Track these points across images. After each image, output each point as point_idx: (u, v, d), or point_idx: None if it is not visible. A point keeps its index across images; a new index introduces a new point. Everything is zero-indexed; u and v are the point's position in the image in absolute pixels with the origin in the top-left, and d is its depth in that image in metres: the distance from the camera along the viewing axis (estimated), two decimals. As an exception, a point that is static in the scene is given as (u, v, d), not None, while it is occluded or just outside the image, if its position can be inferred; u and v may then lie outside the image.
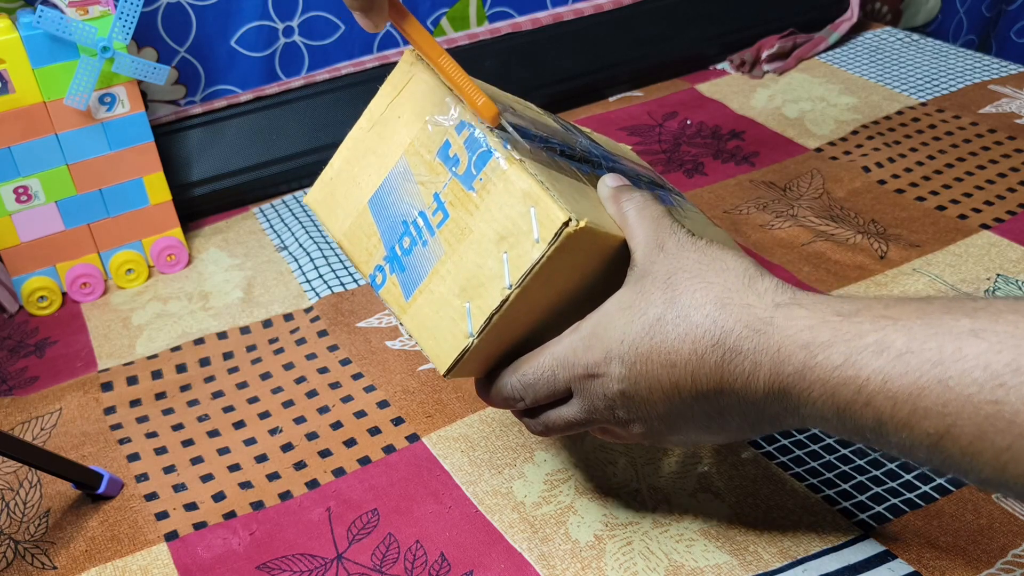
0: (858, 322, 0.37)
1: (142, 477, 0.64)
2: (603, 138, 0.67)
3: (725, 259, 0.43)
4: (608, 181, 0.51)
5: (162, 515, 0.61)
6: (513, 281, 0.45)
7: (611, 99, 1.12)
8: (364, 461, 0.64)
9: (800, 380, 0.38)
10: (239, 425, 0.68)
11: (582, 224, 0.44)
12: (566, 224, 0.43)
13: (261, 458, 0.65)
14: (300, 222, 0.92)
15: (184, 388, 0.72)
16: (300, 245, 0.88)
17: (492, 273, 0.45)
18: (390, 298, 0.50)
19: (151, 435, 0.68)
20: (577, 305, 0.48)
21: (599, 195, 0.50)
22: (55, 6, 0.76)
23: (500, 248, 0.45)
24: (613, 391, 0.44)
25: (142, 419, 0.69)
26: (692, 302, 0.42)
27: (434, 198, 0.48)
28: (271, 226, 0.93)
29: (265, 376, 0.73)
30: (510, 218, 0.45)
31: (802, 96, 1.08)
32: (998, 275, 0.76)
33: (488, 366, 0.50)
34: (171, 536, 0.60)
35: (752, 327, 0.40)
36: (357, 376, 0.72)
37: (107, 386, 0.73)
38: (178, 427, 0.69)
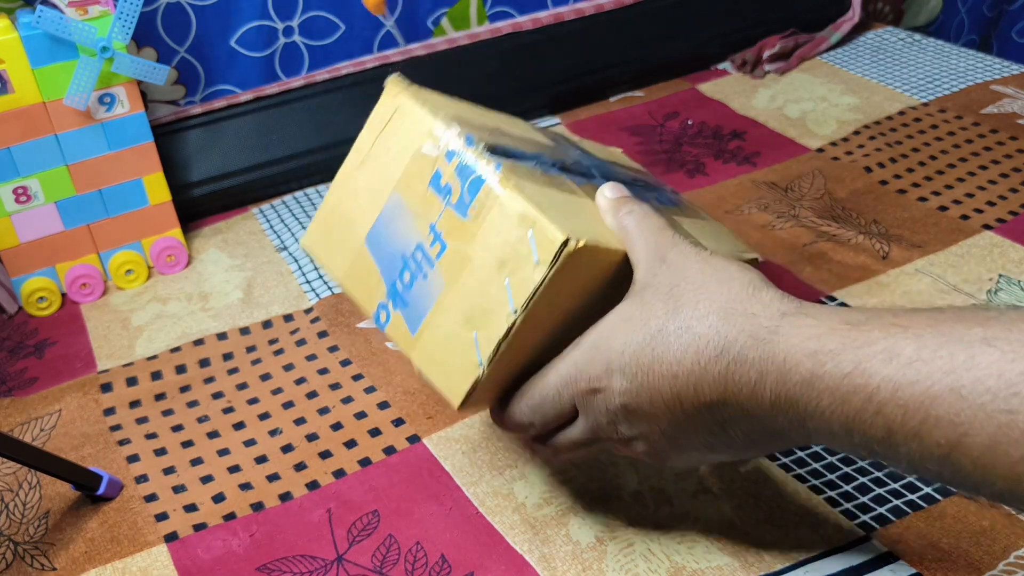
0: (867, 330, 0.36)
1: (142, 478, 0.64)
2: (593, 144, 0.67)
3: (729, 270, 0.43)
4: (607, 192, 0.50)
5: (162, 516, 0.61)
6: (518, 306, 0.44)
7: (612, 99, 1.11)
8: (365, 462, 0.64)
9: (808, 389, 0.37)
10: (239, 426, 0.68)
11: (582, 243, 0.43)
12: (565, 244, 0.43)
13: (261, 459, 0.65)
14: (300, 222, 0.92)
15: (184, 389, 0.72)
16: (300, 245, 0.88)
17: (496, 300, 0.45)
18: (396, 335, 0.49)
19: (151, 436, 0.68)
20: (582, 322, 0.47)
21: (598, 206, 0.50)
22: (55, 6, 0.76)
23: (501, 274, 0.45)
24: (615, 404, 0.44)
25: (142, 420, 0.69)
26: (695, 313, 0.41)
27: (430, 229, 0.47)
28: (271, 226, 0.93)
29: (265, 377, 0.73)
30: (508, 243, 0.45)
31: (804, 96, 1.08)
32: (1000, 276, 0.76)
33: (499, 393, 0.50)
34: (171, 537, 0.60)
35: (757, 336, 0.39)
36: (357, 377, 0.72)
37: (107, 387, 0.73)
38: (178, 428, 0.68)
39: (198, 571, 0.57)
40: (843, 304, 0.75)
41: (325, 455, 0.65)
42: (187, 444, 0.67)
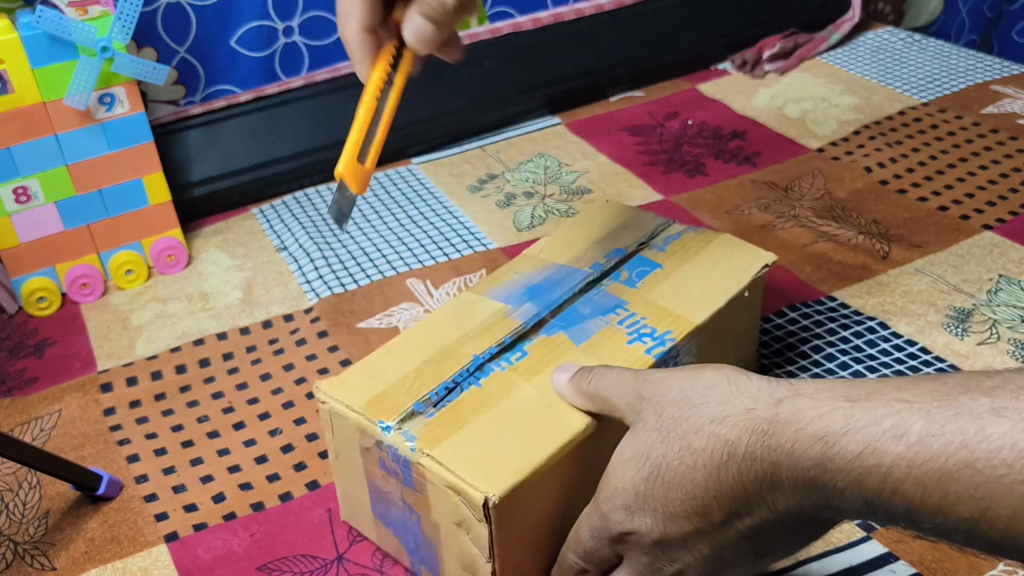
0: (871, 407, 0.35)
1: (142, 478, 0.64)
2: (626, 215, 0.68)
3: (705, 375, 0.42)
4: (559, 378, 0.51)
5: (162, 516, 0.61)
6: (487, 554, 0.47)
7: (612, 99, 1.11)
8: (364, 462, 0.64)
9: (823, 473, 0.36)
10: (239, 426, 0.68)
11: (502, 494, 0.45)
12: (486, 503, 0.45)
13: (261, 459, 0.65)
14: (300, 222, 0.92)
15: (184, 389, 0.72)
16: (300, 246, 0.88)
17: (471, 553, 0.48)
18: None
19: (151, 436, 0.68)
20: (598, 464, 0.47)
21: (560, 394, 0.51)
22: (55, 6, 0.76)
23: (462, 532, 0.48)
24: (649, 545, 0.42)
25: (142, 420, 0.69)
26: (688, 429, 0.40)
27: (403, 503, 0.52)
28: (271, 226, 0.93)
29: (265, 377, 0.73)
30: (452, 507, 0.48)
31: (804, 96, 1.08)
32: (1000, 276, 0.76)
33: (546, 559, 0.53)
34: (171, 537, 0.60)
35: (759, 430, 0.38)
36: (357, 377, 0.71)
37: (107, 387, 0.73)
38: (178, 428, 0.68)
39: (198, 571, 0.57)
40: (843, 304, 0.75)
41: (325, 455, 0.65)
42: (187, 444, 0.67)
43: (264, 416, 0.69)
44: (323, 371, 0.73)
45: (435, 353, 0.55)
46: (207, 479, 0.64)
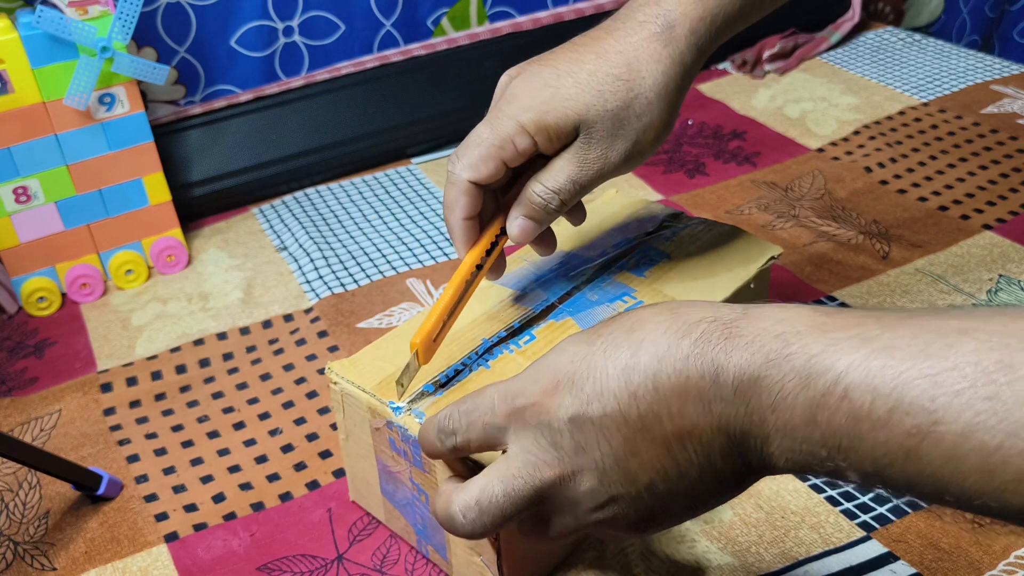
0: (837, 317, 0.34)
1: (142, 478, 0.64)
2: (613, 199, 0.69)
3: (676, 301, 0.40)
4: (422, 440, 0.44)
5: (162, 516, 0.61)
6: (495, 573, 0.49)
7: (612, 99, 1.11)
8: (364, 462, 0.64)
9: (774, 370, 0.34)
10: (239, 426, 0.68)
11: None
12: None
13: (261, 459, 0.65)
14: (300, 222, 0.92)
15: (184, 389, 0.72)
16: (300, 245, 0.88)
17: (480, 569, 0.50)
18: (439, 562, 0.55)
19: (151, 436, 0.68)
20: None
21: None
22: (55, 6, 0.76)
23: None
24: (560, 419, 0.37)
25: (142, 420, 0.69)
26: (648, 331, 0.37)
27: (411, 483, 0.53)
28: (271, 226, 0.93)
29: (265, 377, 0.73)
30: None
31: (804, 96, 1.08)
32: (1000, 276, 0.76)
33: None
34: (171, 537, 0.60)
35: (719, 321, 0.36)
36: (357, 377, 0.72)
37: (106, 387, 0.73)
38: (178, 428, 0.68)
39: (199, 571, 0.57)
40: (843, 304, 0.75)
41: (325, 455, 0.65)
42: (187, 444, 0.67)
43: (264, 416, 0.69)
44: (323, 371, 0.73)
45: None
46: (207, 479, 0.64)
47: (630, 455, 0.37)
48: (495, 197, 0.53)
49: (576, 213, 0.56)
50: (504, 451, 0.40)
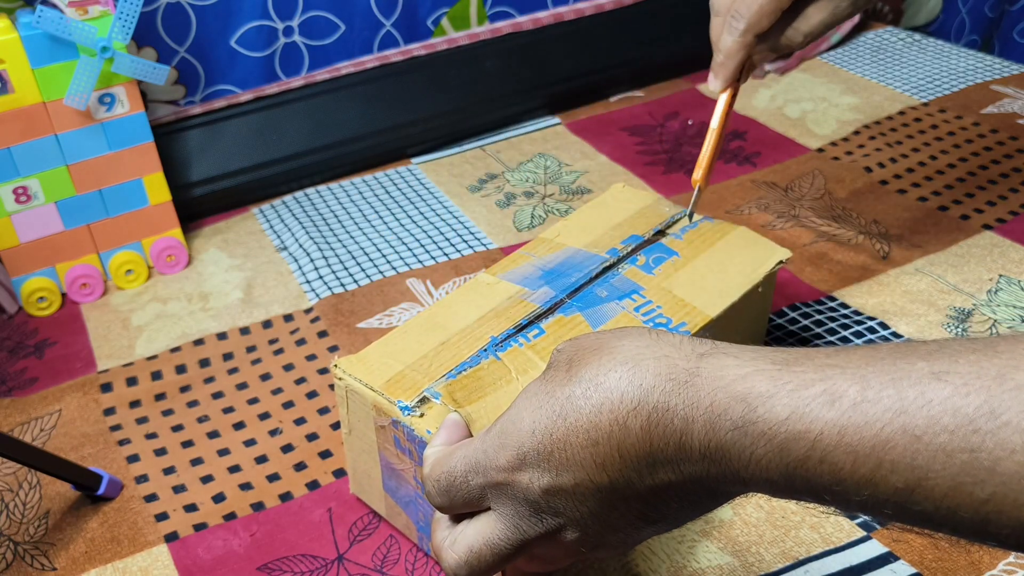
0: (799, 371, 0.32)
1: (142, 478, 0.64)
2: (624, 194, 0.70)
3: (625, 328, 0.39)
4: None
5: (162, 516, 0.61)
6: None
7: (612, 99, 1.11)
8: (364, 462, 0.64)
9: (742, 437, 0.33)
10: (239, 426, 0.68)
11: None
12: None
13: (261, 459, 0.65)
14: (300, 222, 0.92)
15: (184, 389, 0.72)
16: (300, 245, 0.88)
17: None
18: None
19: (151, 436, 0.68)
20: None
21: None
22: (55, 6, 0.76)
23: None
24: (535, 492, 0.37)
25: (142, 420, 0.69)
26: (600, 369, 0.36)
27: (415, 481, 0.52)
28: (271, 226, 0.93)
29: (265, 377, 0.73)
30: None
31: (804, 96, 1.08)
32: (1000, 276, 0.76)
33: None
34: (171, 537, 0.60)
35: (676, 379, 0.34)
36: (357, 377, 0.71)
37: (107, 387, 0.73)
38: (178, 428, 0.68)
39: (199, 571, 0.57)
40: (843, 304, 0.75)
41: (325, 455, 0.65)
42: (187, 444, 0.67)
43: (264, 416, 0.69)
44: (323, 371, 0.72)
45: (452, 334, 0.55)
46: (207, 479, 0.64)
47: (608, 510, 0.37)
48: None
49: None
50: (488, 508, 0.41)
